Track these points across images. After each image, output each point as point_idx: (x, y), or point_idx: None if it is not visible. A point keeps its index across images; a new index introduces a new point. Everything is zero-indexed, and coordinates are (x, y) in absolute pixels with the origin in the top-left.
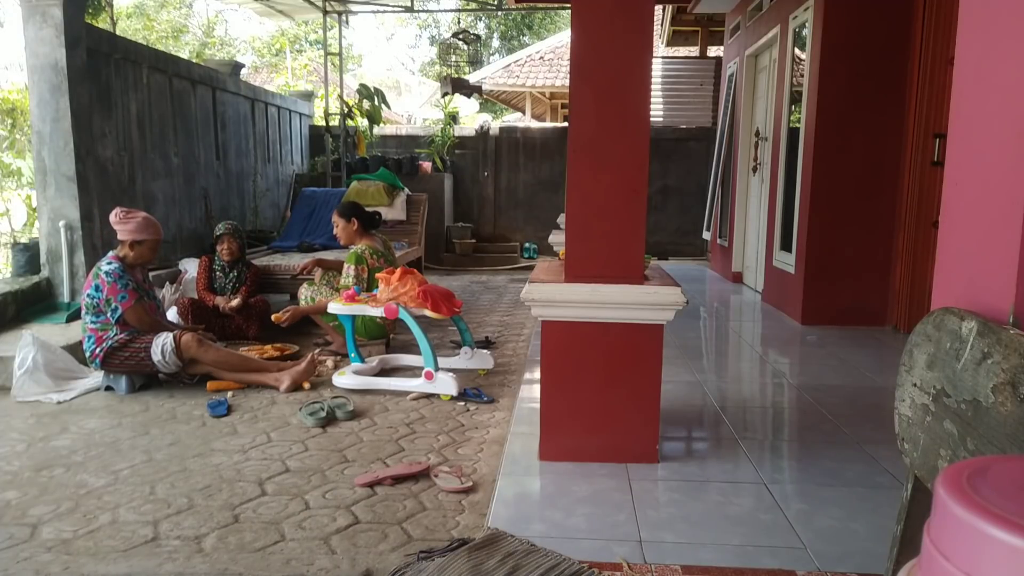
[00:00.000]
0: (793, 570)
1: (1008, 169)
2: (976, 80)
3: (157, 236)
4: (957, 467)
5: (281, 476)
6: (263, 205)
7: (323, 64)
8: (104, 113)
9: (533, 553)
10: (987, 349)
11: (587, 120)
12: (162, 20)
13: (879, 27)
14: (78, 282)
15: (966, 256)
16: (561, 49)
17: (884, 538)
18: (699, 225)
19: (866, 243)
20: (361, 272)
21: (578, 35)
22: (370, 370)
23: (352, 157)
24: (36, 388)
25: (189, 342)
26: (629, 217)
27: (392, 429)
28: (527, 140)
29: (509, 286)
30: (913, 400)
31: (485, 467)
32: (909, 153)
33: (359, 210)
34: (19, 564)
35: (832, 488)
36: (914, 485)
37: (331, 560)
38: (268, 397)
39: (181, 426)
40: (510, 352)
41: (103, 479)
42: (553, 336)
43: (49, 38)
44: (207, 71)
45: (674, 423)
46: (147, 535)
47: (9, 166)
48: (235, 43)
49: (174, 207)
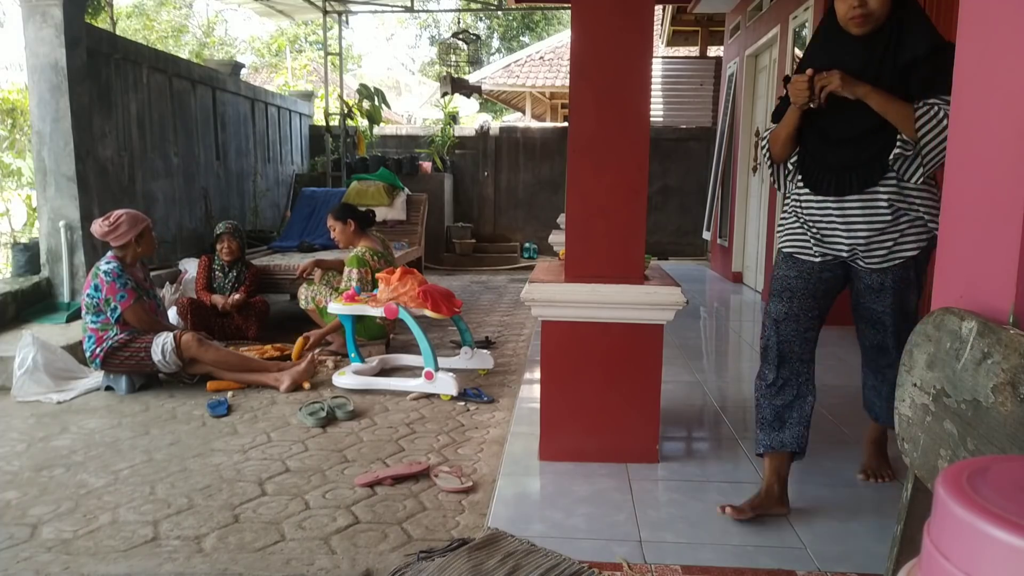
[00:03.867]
0: (793, 570)
1: (1008, 169)
2: (976, 80)
3: (147, 223)
4: (957, 467)
5: (281, 476)
6: (263, 205)
7: (323, 64)
8: (104, 113)
9: (533, 553)
10: (987, 349)
11: (587, 120)
12: (162, 20)
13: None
14: (78, 282)
15: (966, 256)
16: (561, 49)
17: (884, 538)
18: (699, 225)
19: None
20: (364, 275)
21: (578, 35)
22: (370, 370)
23: (352, 157)
24: (36, 388)
25: (189, 342)
26: (629, 217)
27: (392, 429)
28: (527, 140)
29: (509, 286)
30: (913, 400)
31: (485, 467)
32: None
33: (354, 211)
34: (19, 564)
35: (832, 488)
36: (914, 485)
37: (331, 560)
38: (268, 397)
39: (181, 426)
40: (510, 352)
41: (103, 479)
42: (553, 336)
43: (49, 38)
44: (207, 71)
45: (674, 423)
46: (147, 535)
47: (9, 166)
48: (235, 43)
49: (174, 207)
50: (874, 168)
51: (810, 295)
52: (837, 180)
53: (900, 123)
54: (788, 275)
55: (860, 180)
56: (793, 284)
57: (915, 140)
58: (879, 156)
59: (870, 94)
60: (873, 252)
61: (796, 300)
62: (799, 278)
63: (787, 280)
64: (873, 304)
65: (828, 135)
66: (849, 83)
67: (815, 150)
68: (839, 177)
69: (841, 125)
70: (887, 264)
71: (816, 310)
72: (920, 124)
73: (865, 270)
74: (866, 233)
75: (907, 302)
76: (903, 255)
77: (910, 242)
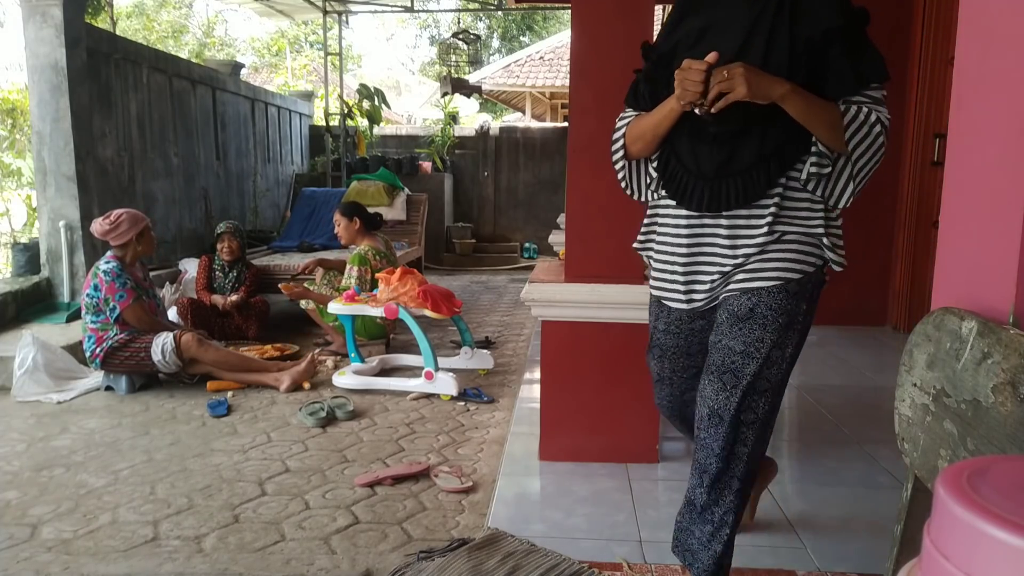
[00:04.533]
0: (793, 570)
1: (1008, 169)
2: (976, 80)
3: (147, 222)
4: (957, 467)
5: (281, 476)
6: (263, 205)
7: (323, 64)
8: (104, 113)
9: (533, 553)
10: (987, 349)
11: (587, 120)
12: (162, 20)
13: (879, 27)
14: (78, 282)
15: (966, 256)
16: (561, 49)
17: (884, 538)
18: None
19: (866, 243)
20: (364, 274)
21: (578, 35)
22: (370, 370)
23: (352, 157)
24: (36, 388)
25: (189, 342)
26: (629, 217)
27: (392, 429)
28: (527, 140)
29: (509, 286)
30: (913, 400)
31: (485, 467)
32: (909, 153)
33: (362, 210)
34: (19, 564)
35: (832, 488)
36: (914, 485)
37: (331, 560)
38: (268, 397)
39: (181, 426)
40: (510, 352)
41: (103, 479)
42: (553, 336)
43: (49, 38)
44: (207, 71)
45: None
46: (147, 535)
47: (9, 166)
48: (235, 43)
49: (174, 207)
50: (759, 176)
51: (683, 353)
52: (711, 191)
53: (826, 133)
54: (656, 327)
55: (741, 191)
56: (662, 340)
57: (843, 152)
58: (770, 159)
59: (790, 96)
60: (746, 269)
61: (667, 360)
62: (668, 333)
63: (655, 334)
64: (731, 341)
65: (702, 130)
66: (761, 86)
67: (684, 149)
68: (714, 187)
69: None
70: (760, 283)
71: (694, 368)
72: (850, 133)
73: (732, 293)
74: (744, 252)
75: (777, 349)
76: (784, 275)
77: (795, 260)
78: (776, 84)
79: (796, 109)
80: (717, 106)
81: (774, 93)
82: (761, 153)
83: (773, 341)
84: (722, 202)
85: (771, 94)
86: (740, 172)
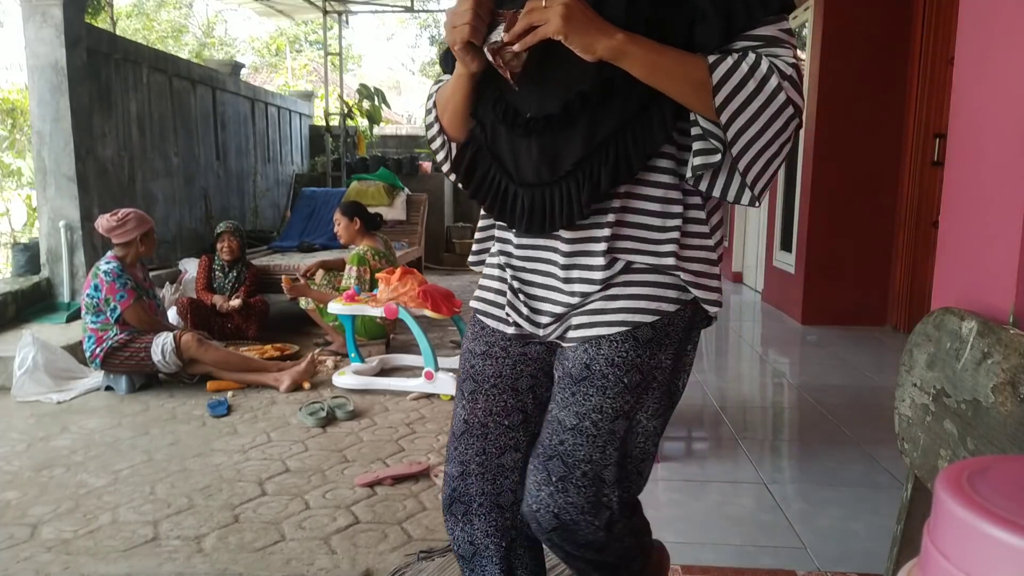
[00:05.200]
0: (793, 570)
1: (1008, 169)
2: (976, 80)
3: (151, 224)
4: (957, 467)
5: (281, 476)
6: (263, 205)
7: (323, 64)
8: (104, 113)
9: None
10: (987, 349)
11: None
12: (162, 20)
13: (879, 27)
14: (78, 282)
15: (966, 256)
16: None
17: (884, 538)
18: None
19: (866, 243)
20: (363, 273)
21: None
22: (370, 370)
23: (352, 157)
24: (36, 388)
25: (189, 342)
26: None
27: (392, 429)
28: None
29: None
30: (913, 400)
31: None
32: (909, 153)
33: (362, 210)
34: (19, 564)
35: (832, 488)
36: (914, 485)
37: (331, 560)
38: (268, 397)
39: (181, 426)
40: None
41: (103, 479)
42: None
43: (49, 38)
44: (207, 71)
45: (674, 423)
46: (147, 535)
47: (9, 166)
48: (235, 43)
49: (174, 207)
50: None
51: (507, 387)
52: (531, 204)
53: (693, 98)
54: (472, 350)
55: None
56: (479, 367)
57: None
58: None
59: (625, 48)
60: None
61: (482, 398)
62: (488, 357)
63: (470, 359)
64: (560, 411)
65: (517, 110)
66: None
67: (503, 143)
68: (535, 198)
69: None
70: (600, 330)
71: (520, 414)
72: (727, 94)
73: (568, 344)
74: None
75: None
76: (632, 318)
77: (648, 296)
78: (605, 32)
79: (638, 66)
80: (524, 42)
81: (599, 45)
82: (592, 142)
83: (617, 411)
84: (545, 220)
85: (597, 46)
86: (565, 175)
